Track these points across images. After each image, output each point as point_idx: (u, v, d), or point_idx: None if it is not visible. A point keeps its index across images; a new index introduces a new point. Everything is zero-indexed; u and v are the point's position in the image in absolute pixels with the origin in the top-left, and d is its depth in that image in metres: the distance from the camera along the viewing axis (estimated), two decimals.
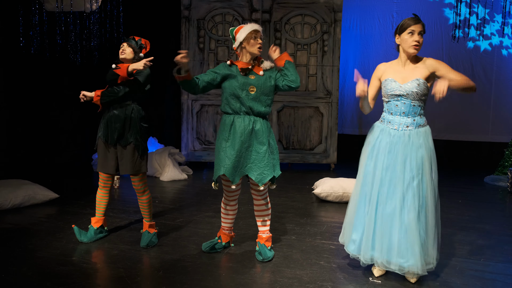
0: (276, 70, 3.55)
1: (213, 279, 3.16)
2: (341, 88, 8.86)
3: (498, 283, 3.22)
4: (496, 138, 8.20)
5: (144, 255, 3.58)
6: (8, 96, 6.60)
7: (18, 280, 3.08)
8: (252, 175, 3.39)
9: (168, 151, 6.84)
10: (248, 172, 3.40)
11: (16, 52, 6.53)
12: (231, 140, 3.39)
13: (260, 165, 3.38)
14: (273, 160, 3.45)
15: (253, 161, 3.39)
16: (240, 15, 7.50)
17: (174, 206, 5.17)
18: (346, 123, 9.06)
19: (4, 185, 4.87)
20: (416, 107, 3.15)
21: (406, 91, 3.12)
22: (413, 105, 3.15)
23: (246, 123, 3.39)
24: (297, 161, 7.70)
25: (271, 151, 3.45)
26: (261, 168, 3.38)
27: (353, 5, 8.74)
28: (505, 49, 8.08)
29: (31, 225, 4.29)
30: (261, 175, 3.38)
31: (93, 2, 6.18)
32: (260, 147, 3.39)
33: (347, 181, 5.41)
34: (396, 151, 3.13)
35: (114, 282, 3.07)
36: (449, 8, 8.25)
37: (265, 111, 3.45)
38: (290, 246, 3.84)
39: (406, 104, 3.15)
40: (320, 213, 4.96)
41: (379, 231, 3.10)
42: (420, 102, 3.16)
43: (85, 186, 6.12)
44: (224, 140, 3.42)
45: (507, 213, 5.33)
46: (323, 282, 3.14)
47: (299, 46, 7.57)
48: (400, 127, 3.16)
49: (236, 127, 3.39)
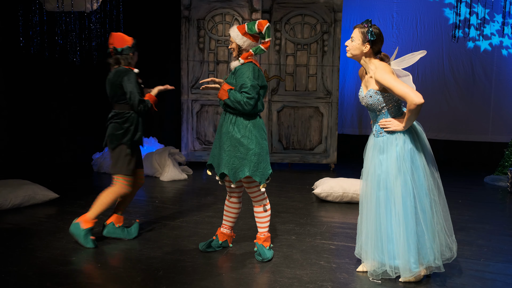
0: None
1: (213, 279, 3.16)
2: (341, 88, 8.86)
3: (498, 283, 3.22)
4: (496, 138, 8.19)
5: (144, 255, 3.58)
6: (8, 96, 6.60)
7: (18, 280, 3.08)
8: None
9: (168, 151, 6.83)
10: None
11: (16, 52, 6.53)
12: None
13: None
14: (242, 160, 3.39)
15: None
16: (240, 15, 7.50)
17: (174, 206, 5.16)
18: (346, 123, 9.06)
19: (4, 185, 4.87)
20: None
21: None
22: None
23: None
24: (297, 161, 7.70)
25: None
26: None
27: (353, 5, 8.74)
28: (505, 49, 8.08)
29: (31, 225, 4.29)
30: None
31: (93, 2, 6.18)
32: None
33: (347, 181, 5.41)
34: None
35: (114, 282, 3.07)
36: (449, 8, 8.25)
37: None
38: (290, 246, 3.84)
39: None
40: (320, 213, 4.96)
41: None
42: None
43: (85, 186, 6.11)
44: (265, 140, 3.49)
45: (507, 213, 5.33)
46: (323, 282, 3.14)
47: (299, 46, 7.57)
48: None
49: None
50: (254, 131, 3.39)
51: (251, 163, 3.35)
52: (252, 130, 3.38)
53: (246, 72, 3.34)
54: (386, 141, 3.15)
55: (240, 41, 3.46)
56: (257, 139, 3.38)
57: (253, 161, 3.35)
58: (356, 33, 3.12)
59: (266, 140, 3.47)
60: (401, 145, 3.10)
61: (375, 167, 3.17)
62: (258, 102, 3.40)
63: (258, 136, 3.40)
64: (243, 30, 3.45)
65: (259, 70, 3.44)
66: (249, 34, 3.44)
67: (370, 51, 3.11)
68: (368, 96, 3.12)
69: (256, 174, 3.37)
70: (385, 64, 3.10)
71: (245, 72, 3.35)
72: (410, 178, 3.07)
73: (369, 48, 3.09)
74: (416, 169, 3.10)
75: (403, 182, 3.07)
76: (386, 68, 3.06)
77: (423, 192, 3.09)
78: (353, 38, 3.14)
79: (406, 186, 3.06)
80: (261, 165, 3.37)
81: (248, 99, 3.29)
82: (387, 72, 3.02)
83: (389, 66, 3.10)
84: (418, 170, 3.10)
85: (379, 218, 3.14)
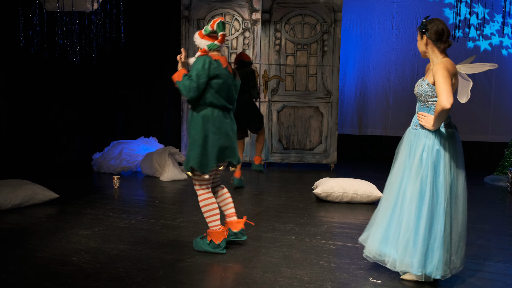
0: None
1: (213, 279, 3.16)
2: (341, 88, 8.86)
3: (498, 283, 3.22)
4: (496, 138, 8.20)
5: (144, 255, 3.58)
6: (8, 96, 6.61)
7: (18, 280, 3.08)
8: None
9: (168, 151, 6.83)
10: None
11: (16, 52, 6.54)
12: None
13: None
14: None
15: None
16: (240, 15, 7.50)
17: (174, 206, 5.16)
18: (346, 123, 9.06)
19: (4, 185, 4.87)
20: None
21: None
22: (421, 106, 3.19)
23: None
24: (297, 161, 7.70)
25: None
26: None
27: (353, 5, 8.74)
28: (505, 49, 8.08)
29: (31, 225, 4.29)
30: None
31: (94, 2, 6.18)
32: None
33: (347, 181, 5.41)
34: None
35: (114, 282, 3.06)
36: (449, 8, 8.25)
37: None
38: (290, 246, 3.84)
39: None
40: (320, 213, 4.96)
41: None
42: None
43: (85, 186, 6.12)
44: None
45: (507, 213, 5.33)
46: (323, 282, 3.14)
47: (299, 46, 7.57)
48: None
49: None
50: (201, 123, 3.52)
51: (194, 153, 3.52)
52: (199, 121, 3.52)
53: (196, 63, 3.54)
54: (417, 135, 3.16)
55: (200, 43, 3.66)
56: (203, 132, 3.51)
57: (196, 151, 3.51)
58: (418, 32, 3.18)
59: (221, 136, 3.54)
60: (428, 145, 3.09)
61: (402, 159, 3.21)
62: (208, 94, 3.51)
63: (204, 129, 3.51)
64: (201, 34, 3.68)
65: (214, 62, 3.54)
66: (206, 35, 3.64)
67: (432, 44, 3.13)
68: (420, 85, 3.16)
69: (193, 164, 3.52)
70: (448, 61, 3.11)
71: (195, 63, 3.54)
72: (427, 181, 3.04)
73: (426, 40, 3.13)
74: (436, 174, 3.05)
75: (419, 183, 3.06)
76: (445, 63, 3.07)
77: (440, 198, 3.04)
78: (417, 38, 3.21)
79: (421, 188, 3.06)
80: (204, 157, 3.51)
81: (189, 85, 3.46)
82: (443, 68, 3.04)
83: (451, 64, 3.10)
84: (438, 177, 3.05)
85: (394, 210, 3.17)
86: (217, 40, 3.60)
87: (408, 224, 3.08)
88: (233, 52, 7.56)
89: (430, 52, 3.16)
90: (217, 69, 3.51)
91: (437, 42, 3.11)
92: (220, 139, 3.53)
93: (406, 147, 3.22)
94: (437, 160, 3.07)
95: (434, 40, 3.11)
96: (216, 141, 3.51)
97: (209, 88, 3.51)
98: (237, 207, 5.17)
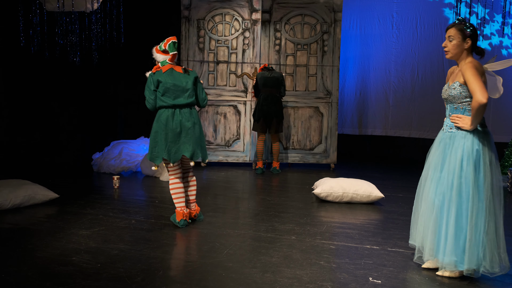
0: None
1: (213, 279, 3.16)
2: (341, 88, 8.87)
3: (498, 283, 3.22)
4: (496, 138, 8.16)
5: (144, 255, 3.58)
6: (8, 96, 6.61)
7: (18, 280, 3.08)
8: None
9: None
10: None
11: (16, 52, 6.54)
12: None
13: None
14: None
15: None
16: (240, 15, 7.51)
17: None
18: (346, 123, 9.06)
19: (4, 185, 4.87)
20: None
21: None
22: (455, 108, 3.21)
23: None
24: (297, 161, 7.70)
25: None
26: None
27: (353, 5, 8.75)
28: (505, 49, 8.08)
29: (31, 225, 4.29)
30: None
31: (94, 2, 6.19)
32: None
33: (347, 181, 5.41)
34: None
35: (114, 282, 3.07)
36: (449, 8, 8.25)
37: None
38: (290, 246, 3.85)
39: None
40: (320, 213, 4.96)
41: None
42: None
43: (85, 186, 6.12)
44: None
45: (507, 213, 5.32)
46: (323, 282, 3.14)
47: (299, 46, 7.57)
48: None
49: None
50: (154, 123, 4.22)
51: (149, 147, 4.27)
52: (154, 122, 4.24)
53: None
54: (454, 137, 3.17)
55: (155, 57, 4.27)
56: (155, 129, 4.20)
57: (150, 146, 4.25)
58: (454, 31, 3.14)
59: (167, 131, 4.13)
60: (468, 145, 3.10)
61: (439, 162, 3.21)
62: (158, 100, 4.18)
63: (156, 127, 4.19)
64: (157, 49, 4.25)
65: (156, 73, 4.17)
66: (160, 50, 4.23)
67: (470, 47, 3.14)
68: (452, 87, 3.16)
69: (148, 155, 4.30)
70: (475, 61, 3.13)
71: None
72: (470, 180, 3.07)
73: (471, 43, 3.13)
74: (478, 173, 3.09)
75: (463, 182, 3.09)
76: (473, 62, 3.10)
77: (481, 196, 3.08)
78: (451, 37, 3.15)
79: (465, 187, 3.09)
80: (155, 149, 4.21)
81: (147, 104, 4.25)
82: (472, 67, 3.06)
83: (478, 63, 3.12)
84: (480, 175, 3.09)
85: (435, 211, 3.20)
86: (168, 58, 4.21)
87: (456, 223, 3.10)
88: (233, 52, 7.57)
89: (464, 54, 3.16)
90: (158, 76, 4.15)
91: (475, 45, 3.15)
92: (167, 135, 4.13)
93: (440, 150, 3.24)
94: (477, 160, 3.10)
95: (475, 43, 3.15)
96: (164, 136, 4.13)
97: (158, 95, 4.17)
98: (238, 207, 5.18)
